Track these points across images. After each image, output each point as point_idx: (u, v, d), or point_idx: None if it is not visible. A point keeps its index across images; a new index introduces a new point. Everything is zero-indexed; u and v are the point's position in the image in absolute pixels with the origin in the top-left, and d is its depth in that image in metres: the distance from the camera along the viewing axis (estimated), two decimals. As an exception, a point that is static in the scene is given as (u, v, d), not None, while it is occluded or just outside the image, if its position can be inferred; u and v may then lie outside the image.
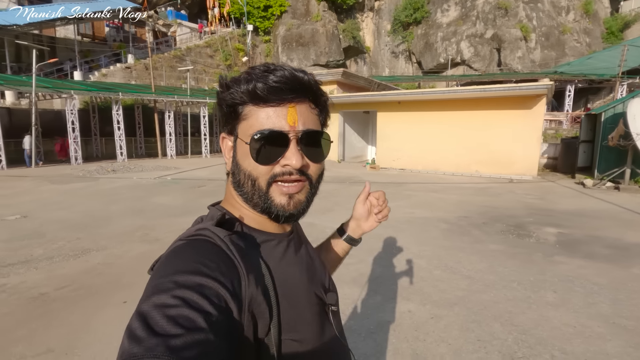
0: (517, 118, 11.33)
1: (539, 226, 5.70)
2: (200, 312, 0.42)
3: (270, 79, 0.55)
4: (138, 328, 0.39)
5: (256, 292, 0.52)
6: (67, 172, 12.05)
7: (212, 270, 0.48)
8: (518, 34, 26.04)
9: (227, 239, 0.53)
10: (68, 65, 21.08)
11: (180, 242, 0.54)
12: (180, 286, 0.44)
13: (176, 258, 0.50)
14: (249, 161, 0.57)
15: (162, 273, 0.47)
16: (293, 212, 0.59)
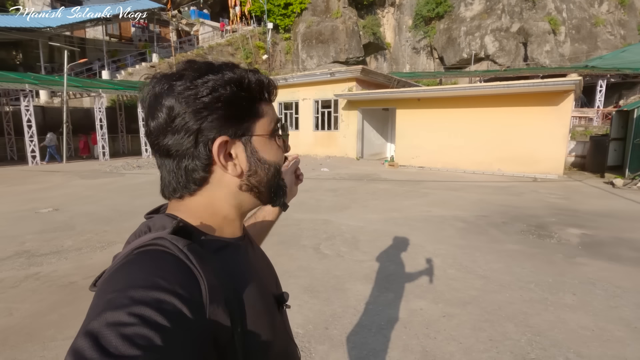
0: (542, 115, 10.95)
1: (561, 227, 5.53)
2: (159, 330, 0.39)
3: (260, 74, 0.59)
4: (87, 349, 0.36)
5: (218, 302, 0.50)
6: (95, 168, 12.60)
7: (171, 284, 0.44)
8: (546, 27, 25.04)
9: (187, 249, 0.49)
10: (97, 65, 21.95)
11: (134, 253, 0.49)
12: (137, 302, 0.40)
13: (130, 271, 0.46)
14: (276, 153, 0.61)
15: (115, 287, 0.43)
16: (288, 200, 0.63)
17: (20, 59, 21.69)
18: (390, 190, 8.54)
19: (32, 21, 18.01)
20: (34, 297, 3.10)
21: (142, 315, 0.39)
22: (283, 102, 17.44)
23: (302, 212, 6.36)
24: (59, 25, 18.33)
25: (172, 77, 0.54)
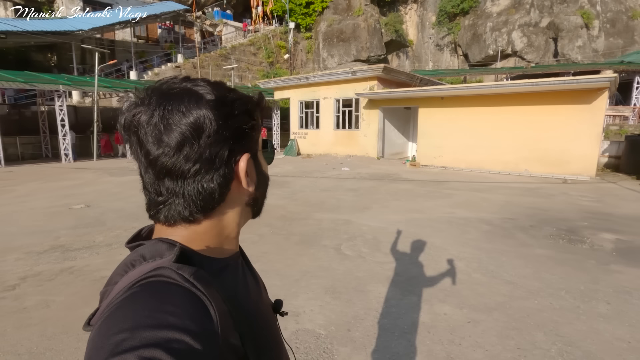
0: (574, 113, 10.48)
1: (594, 231, 5.28)
2: None
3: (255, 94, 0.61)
4: None
5: (229, 327, 0.48)
6: (123, 166, 13.07)
7: (181, 319, 0.41)
8: (578, 21, 23.94)
9: (193, 278, 0.46)
10: (125, 66, 22.73)
11: (137, 286, 0.45)
12: (146, 344, 0.37)
13: (135, 308, 0.42)
14: (265, 164, 0.63)
15: (119, 327, 0.39)
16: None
17: (55, 60, 22.76)
18: (412, 191, 8.42)
19: (66, 24, 18.85)
20: (69, 290, 3.26)
21: (153, 358, 0.36)
22: (304, 101, 17.50)
23: (323, 211, 6.37)
24: (91, 28, 19.09)
25: (185, 93, 0.50)
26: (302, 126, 17.85)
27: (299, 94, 17.51)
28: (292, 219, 5.83)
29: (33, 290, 3.26)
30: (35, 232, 5.00)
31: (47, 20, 19.78)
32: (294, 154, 17.17)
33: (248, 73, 27.29)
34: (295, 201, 7.26)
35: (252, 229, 5.20)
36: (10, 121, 15.64)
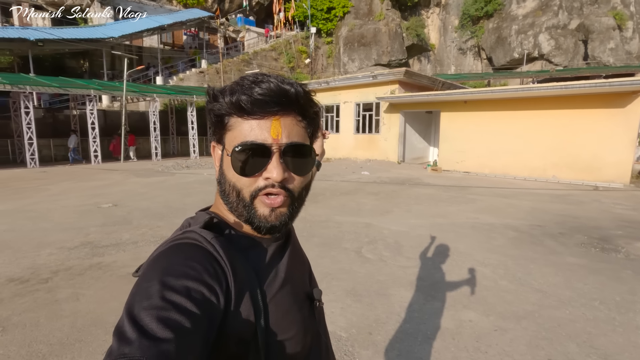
0: (606, 118, 10.04)
1: (629, 240, 5.01)
2: (188, 315, 0.43)
3: (255, 91, 0.55)
4: (129, 330, 0.41)
5: (243, 293, 0.53)
6: (148, 167, 13.48)
7: (199, 273, 0.48)
8: (610, 22, 23.01)
9: (214, 241, 0.53)
10: (151, 71, 23.52)
11: (167, 246, 0.54)
12: (169, 289, 0.45)
13: (163, 261, 0.50)
14: (233, 172, 0.57)
15: (150, 276, 0.48)
16: (275, 224, 0.58)
17: (87, 67, 23.83)
18: (434, 195, 8.26)
19: (98, 32, 19.74)
20: (98, 285, 3.36)
21: (174, 302, 0.44)
22: (324, 105, 17.56)
23: (343, 215, 6.34)
24: (120, 35, 19.90)
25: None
26: (322, 130, 17.88)
27: (320, 98, 17.35)
28: (313, 222, 5.83)
29: (65, 283, 3.38)
30: (67, 229, 5.21)
31: (81, 28, 20.77)
32: (313, 157, 17.23)
33: (269, 78, 27.66)
34: (315, 204, 7.26)
35: (272, 231, 5.22)
36: (44, 124, 16.45)
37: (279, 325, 0.57)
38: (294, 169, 0.58)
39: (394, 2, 29.53)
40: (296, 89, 0.57)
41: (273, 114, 0.56)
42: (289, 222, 0.61)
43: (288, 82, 0.57)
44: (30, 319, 2.73)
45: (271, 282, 0.59)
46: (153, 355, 0.38)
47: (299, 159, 0.59)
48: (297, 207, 0.62)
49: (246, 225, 0.61)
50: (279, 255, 0.64)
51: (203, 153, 20.04)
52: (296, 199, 0.61)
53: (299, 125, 0.59)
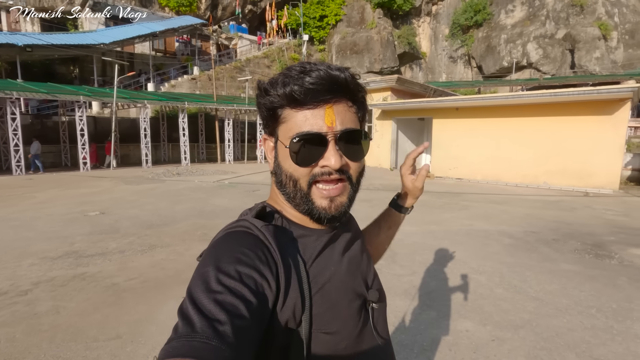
0: (595, 125, 10.19)
1: (622, 246, 5.02)
2: (242, 299, 0.46)
3: (306, 80, 0.54)
4: (190, 311, 0.44)
5: (291, 282, 0.54)
6: (138, 174, 13.27)
7: (251, 259, 0.51)
8: (596, 32, 23.58)
9: (265, 229, 0.56)
10: (143, 78, 23.35)
11: (222, 234, 0.58)
12: (224, 274, 0.48)
13: (219, 248, 0.54)
14: (290, 163, 0.58)
15: (206, 262, 0.51)
16: (335, 215, 0.60)
17: (77, 73, 23.55)
18: (428, 202, 8.23)
19: (89, 38, 19.56)
20: (80, 297, 3.22)
21: (229, 286, 0.47)
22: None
23: (337, 222, 6.25)
24: (111, 42, 19.74)
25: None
26: (314, 137, 17.87)
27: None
28: (305, 229, 5.73)
29: (45, 295, 3.23)
30: (51, 238, 5.04)
31: (71, 34, 20.57)
32: (306, 164, 17.18)
33: (262, 85, 27.68)
34: (308, 211, 7.17)
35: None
36: (32, 130, 16.12)
37: (322, 318, 0.57)
38: (349, 155, 0.59)
39: (385, 10, 29.91)
40: (345, 75, 0.57)
41: (326, 102, 0.57)
42: (347, 211, 0.62)
43: (336, 68, 0.57)
44: (6, 334, 2.58)
45: (319, 273, 0.59)
46: (211, 335, 0.41)
47: (353, 144, 0.59)
48: (354, 193, 0.63)
49: (299, 215, 0.62)
50: (330, 247, 0.64)
51: (194, 160, 19.85)
52: (354, 185, 0.62)
53: (350, 111, 0.60)
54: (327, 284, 0.59)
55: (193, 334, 0.41)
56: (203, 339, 0.40)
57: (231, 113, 19.86)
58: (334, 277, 0.61)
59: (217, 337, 0.41)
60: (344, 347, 0.60)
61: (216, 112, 19.89)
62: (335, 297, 0.60)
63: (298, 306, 0.54)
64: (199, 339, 0.41)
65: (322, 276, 0.59)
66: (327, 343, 0.57)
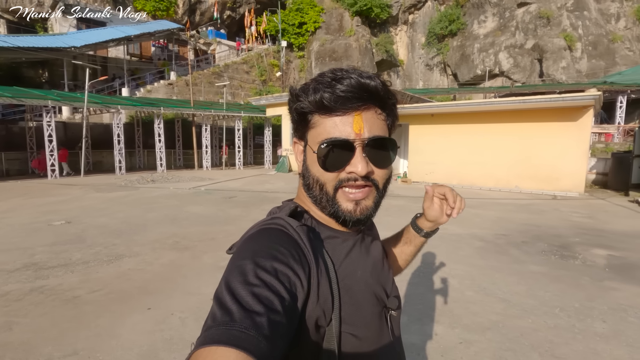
0: (561, 131, 10.64)
1: (586, 247, 5.22)
2: (277, 295, 0.47)
3: (337, 88, 0.55)
4: (228, 300, 0.45)
5: (322, 281, 0.55)
6: (111, 182, 12.82)
7: (286, 257, 0.52)
8: (562, 43, 24.77)
9: (299, 229, 0.57)
10: (117, 82, 22.73)
11: (257, 229, 0.59)
12: (261, 269, 0.49)
13: (254, 243, 0.55)
14: (317, 167, 0.60)
15: (243, 255, 0.52)
16: (360, 218, 0.61)
17: (46, 77, 22.67)
18: (404, 207, 8.34)
19: (58, 41, 18.88)
20: (37, 311, 3.04)
21: (265, 280, 0.48)
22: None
23: (313, 228, 6.22)
24: (83, 45, 19.13)
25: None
26: (294, 143, 17.85)
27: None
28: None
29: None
30: (9, 250, 4.76)
31: (39, 36, 19.80)
32: (285, 170, 17.09)
33: (241, 91, 27.47)
34: (284, 217, 7.11)
35: (238, 246, 5.02)
36: (-4, 136, 15.35)
37: (351, 319, 0.58)
38: (376, 162, 0.60)
39: (363, 18, 30.40)
40: (376, 82, 0.58)
41: (355, 109, 0.57)
42: (373, 215, 0.63)
43: (367, 75, 0.58)
44: (-50, 355, 2.40)
45: (347, 275, 0.61)
46: (249, 325, 0.41)
47: (381, 152, 0.60)
48: (380, 199, 0.64)
49: (326, 217, 0.64)
50: (356, 251, 0.65)
51: (171, 166, 19.40)
52: (380, 191, 0.63)
53: (379, 119, 0.61)
54: (354, 287, 0.61)
55: (232, 322, 0.42)
56: (242, 329, 0.41)
57: (209, 119, 19.56)
58: (360, 280, 0.63)
59: (255, 328, 0.42)
60: (368, 351, 0.61)
61: (193, 117, 19.56)
62: (360, 300, 0.61)
63: (328, 305, 0.55)
64: (237, 328, 0.41)
65: (349, 278, 0.61)
66: (354, 344, 0.59)
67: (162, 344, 2.61)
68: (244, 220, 6.74)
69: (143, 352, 2.50)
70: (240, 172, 17.87)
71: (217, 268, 4.17)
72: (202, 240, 5.34)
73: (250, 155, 23.77)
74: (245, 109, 20.52)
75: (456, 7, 29.90)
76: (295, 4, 29.78)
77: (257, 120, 22.83)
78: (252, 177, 15.06)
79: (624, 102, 19.86)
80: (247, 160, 23.27)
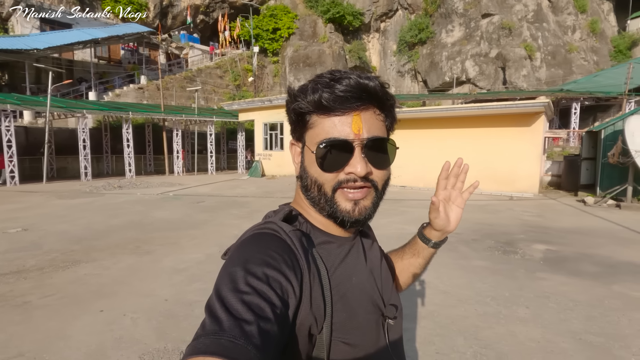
0: (517, 135, 11.32)
1: (528, 243, 5.65)
2: (268, 302, 0.46)
3: (336, 88, 0.55)
4: (218, 309, 0.44)
5: (315, 287, 0.54)
6: (75, 188, 12.46)
7: (278, 262, 0.51)
8: (522, 53, 26.20)
9: (292, 233, 0.56)
10: (83, 86, 22.05)
11: (249, 234, 0.57)
12: (251, 275, 0.48)
13: (245, 249, 0.54)
14: (315, 168, 0.59)
15: (234, 262, 0.51)
16: (358, 218, 0.60)
17: (6, 79, 21.68)
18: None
19: (20, 43, 18.17)
20: (-16, 317, 3.03)
21: (255, 287, 0.47)
22: (268, 123, 17.68)
23: (277, 230, 6.37)
24: (47, 47, 18.49)
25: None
26: (266, 147, 17.93)
27: (263, 115, 17.70)
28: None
29: (-58, 319, 3.01)
30: (-41, 258, 4.63)
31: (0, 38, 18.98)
32: (258, 175, 17.13)
33: (214, 95, 27.28)
34: (252, 221, 7.15)
35: (199, 249, 5.10)
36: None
37: (343, 327, 0.57)
38: (375, 163, 0.59)
39: (336, 25, 30.99)
40: (375, 83, 0.58)
41: (353, 109, 0.57)
42: (371, 216, 0.62)
43: (366, 76, 0.58)
44: None
45: (341, 281, 0.59)
46: (238, 334, 0.41)
47: (379, 152, 0.60)
48: (379, 200, 0.63)
49: (323, 221, 0.63)
50: (352, 256, 0.64)
51: (141, 172, 18.99)
52: (379, 192, 0.62)
53: (378, 119, 0.60)
54: (348, 293, 0.59)
55: (221, 332, 0.41)
56: (230, 338, 0.41)
57: (180, 124, 19.33)
58: (355, 287, 0.61)
59: (244, 337, 0.41)
60: (361, 359, 0.59)
61: (164, 122, 19.26)
62: (355, 307, 0.59)
63: (320, 313, 0.54)
64: (226, 337, 0.41)
65: (344, 285, 0.59)
66: (345, 352, 0.57)
67: (112, 342, 2.69)
68: (210, 225, 6.80)
69: (91, 351, 2.58)
70: (212, 177, 17.74)
71: (176, 271, 4.25)
72: (164, 245, 5.37)
73: (224, 160, 23.60)
74: (217, 114, 20.41)
75: (425, 16, 31.01)
76: (270, 9, 29.99)
77: (231, 125, 22.74)
78: (224, 182, 15.02)
79: (577, 109, 21.21)
80: (221, 165, 23.10)
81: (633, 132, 8.69)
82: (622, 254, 5.08)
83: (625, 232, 6.55)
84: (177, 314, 3.17)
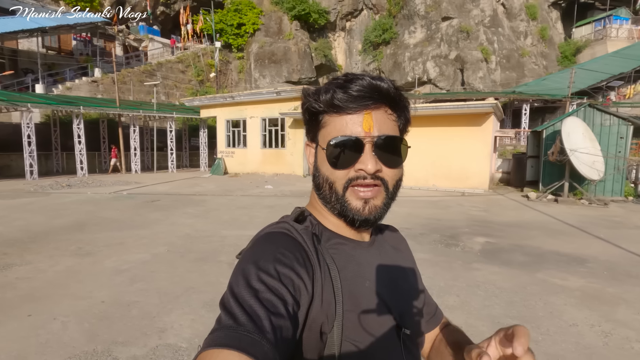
0: (469, 134, 11.93)
1: (470, 236, 6.00)
2: (280, 298, 0.47)
3: (349, 88, 0.57)
4: (232, 304, 0.46)
5: (326, 285, 0.55)
6: (18, 187, 11.63)
7: (290, 260, 0.52)
8: (479, 55, 27.52)
9: (303, 232, 0.58)
10: (30, 78, 20.56)
11: (262, 233, 0.59)
12: (264, 272, 0.50)
13: (258, 247, 0.55)
14: (327, 166, 0.60)
15: (247, 260, 0.53)
16: (368, 217, 0.60)
17: (-61, 69, 19.75)
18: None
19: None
20: None
21: (269, 284, 0.48)
22: (231, 120, 17.40)
23: (231, 229, 6.33)
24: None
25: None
26: (229, 145, 17.64)
27: (226, 112, 17.38)
28: (196, 237, 5.71)
29: None
30: None
31: None
32: (220, 173, 16.82)
33: (176, 90, 26.39)
34: (205, 219, 7.11)
35: (146, 249, 4.97)
36: None
37: (354, 328, 0.56)
38: (385, 162, 0.59)
39: (302, 23, 30.93)
40: (387, 84, 0.59)
41: (365, 108, 0.58)
42: (382, 215, 0.62)
43: (379, 78, 0.59)
44: None
45: (352, 282, 0.59)
46: (253, 329, 0.43)
47: (390, 151, 0.60)
48: (390, 200, 0.62)
49: (336, 222, 0.63)
50: (366, 260, 0.64)
51: (95, 170, 18.03)
52: (390, 192, 0.61)
53: (389, 119, 0.60)
54: (359, 296, 0.59)
55: (236, 326, 0.43)
56: (245, 332, 0.42)
57: (138, 119, 18.54)
58: (368, 290, 0.60)
59: (258, 332, 0.43)
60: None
61: (119, 118, 18.40)
62: (367, 311, 0.59)
63: (331, 311, 0.54)
64: (241, 331, 0.42)
65: (355, 287, 0.59)
66: (354, 355, 0.56)
67: (35, 347, 2.59)
68: (162, 224, 6.62)
69: (11, 357, 2.47)
70: (172, 175, 17.20)
71: (118, 272, 4.12)
72: (108, 246, 5.18)
73: (186, 157, 22.94)
74: (178, 110, 19.79)
75: (389, 17, 31.72)
76: (234, 4, 29.37)
77: (194, 121, 22.12)
78: (184, 180, 14.61)
79: (527, 110, 22.64)
80: (182, 163, 22.44)
81: (569, 133, 9.43)
82: (550, 244, 5.53)
83: (557, 224, 7.13)
84: (112, 315, 3.09)
